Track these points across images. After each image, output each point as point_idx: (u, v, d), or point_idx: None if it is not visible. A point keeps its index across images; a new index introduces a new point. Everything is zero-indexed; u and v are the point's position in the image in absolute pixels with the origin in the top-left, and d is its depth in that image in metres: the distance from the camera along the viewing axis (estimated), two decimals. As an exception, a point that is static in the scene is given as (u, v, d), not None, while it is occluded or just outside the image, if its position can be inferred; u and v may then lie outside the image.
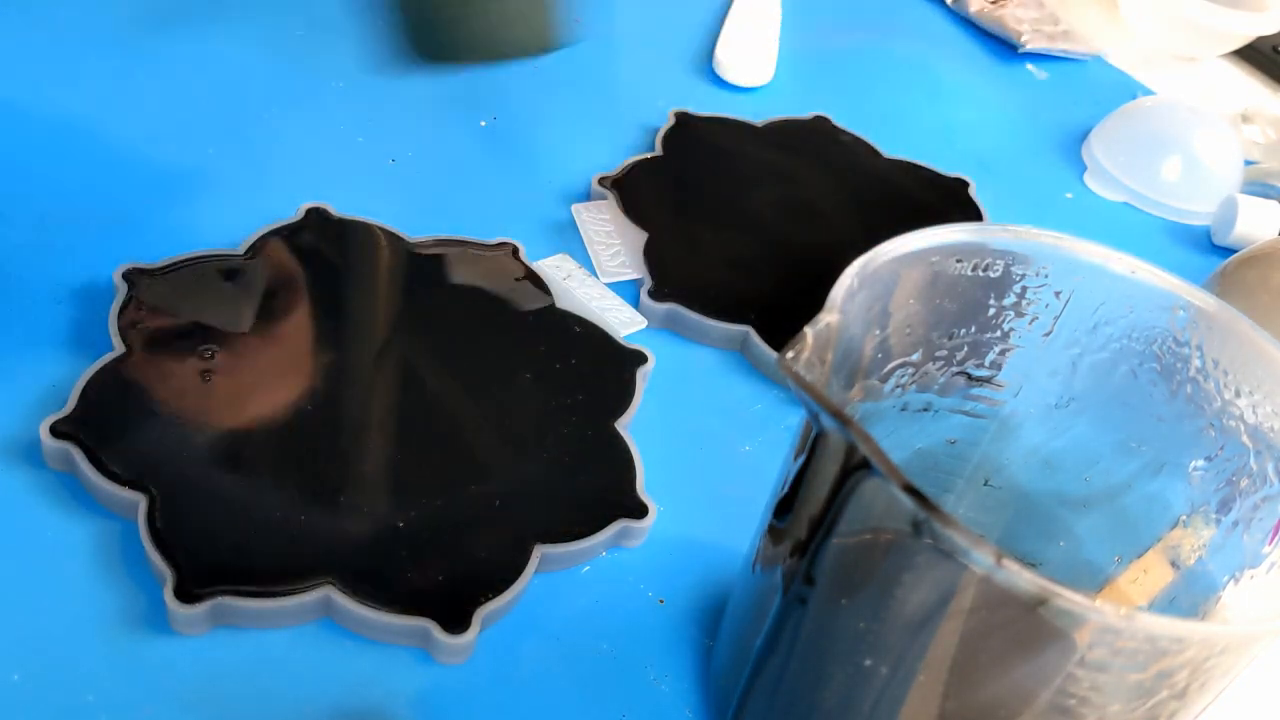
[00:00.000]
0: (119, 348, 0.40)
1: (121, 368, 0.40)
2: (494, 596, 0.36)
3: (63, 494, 0.37)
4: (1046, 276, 0.34)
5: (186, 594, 0.34)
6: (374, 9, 0.41)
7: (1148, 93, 0.75)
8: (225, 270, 0.44)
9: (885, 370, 0.34)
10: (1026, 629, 0.26)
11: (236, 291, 0.43)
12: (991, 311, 0.35)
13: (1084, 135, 0.69)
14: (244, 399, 0.40)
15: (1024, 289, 0.35)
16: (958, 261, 0.33)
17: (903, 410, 0.36)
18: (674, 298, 0.48)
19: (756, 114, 0.61)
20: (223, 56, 0.57)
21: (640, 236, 0.52)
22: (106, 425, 0.38)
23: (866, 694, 0.30)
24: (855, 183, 0.59)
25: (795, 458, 0.30)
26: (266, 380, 0.41)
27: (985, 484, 0.39)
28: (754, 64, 0.65)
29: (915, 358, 0.35)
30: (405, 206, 0.50)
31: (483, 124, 0.58)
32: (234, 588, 0.34)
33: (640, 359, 0.45)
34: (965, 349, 0.36)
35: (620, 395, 0.44)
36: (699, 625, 0.39)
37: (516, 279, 0.47)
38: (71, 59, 0.54)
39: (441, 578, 0.36)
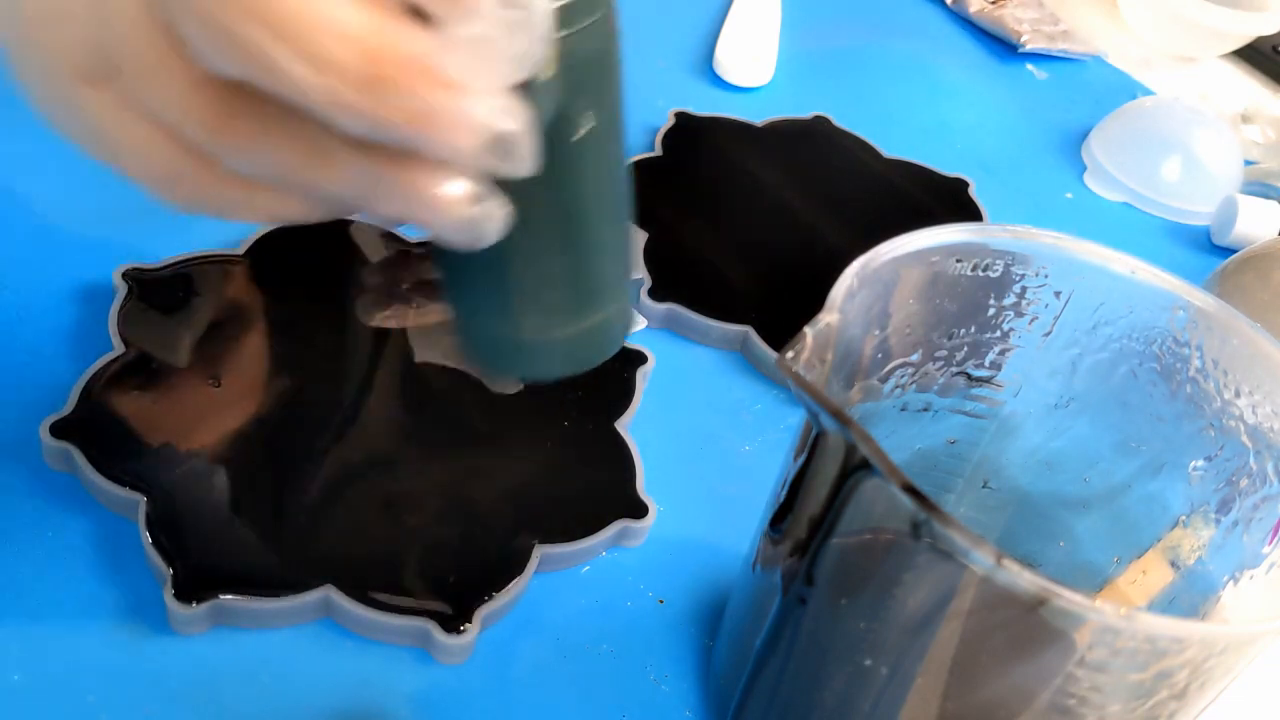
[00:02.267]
0: (119, 348, 0.40)
1: (121, 368, 0.40)
2: (494, 596, 0.36)
3: (63, 494, 0.37)
4: (1046, 276, 0.34)
5: (186, 594, 0.34)
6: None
7: (1148, 93, 0.75)
8: (225, 270, 0.44)
9: (885, 370, 0.34)
10: (1026, 629, 0.26)
11: (236, 291, 0.43)
12: (991, 311, 0.35)
13: (1084, 135, 0.69)
14: (244, 398, 0.40)
15: (1024, 289, 0.35)
16: (958, 261, 0.33)
17: (902, 410, 0.36)
18: (674, 298, 0.48)
19: (756, 114, 0.61)
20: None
21: (640, 236, 0.52)
22: (106, 425, 0.38)
23: (867, 694, 0.30)
24: (855, 183, 0.59)
25: (795, 458, 0.30)
26: (266, 380, 0.41)
27: (984, 486, 0.39)
28: (754, 64, 0.65)
29: (915, 358, 0.35)
30: (405, 206, 0.50)
31: (483, 124, 0.58)
32: (234, 588, 0.34)
33: (640, 359, 0.45)
34: (965, 349, 0.36)
35: (620, 395, 0.44)
36: (699, 625, 0.39)
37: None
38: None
39: (441, 578, 0.36)
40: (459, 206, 0.25)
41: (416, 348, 0.43)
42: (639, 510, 0.40)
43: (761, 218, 0.55)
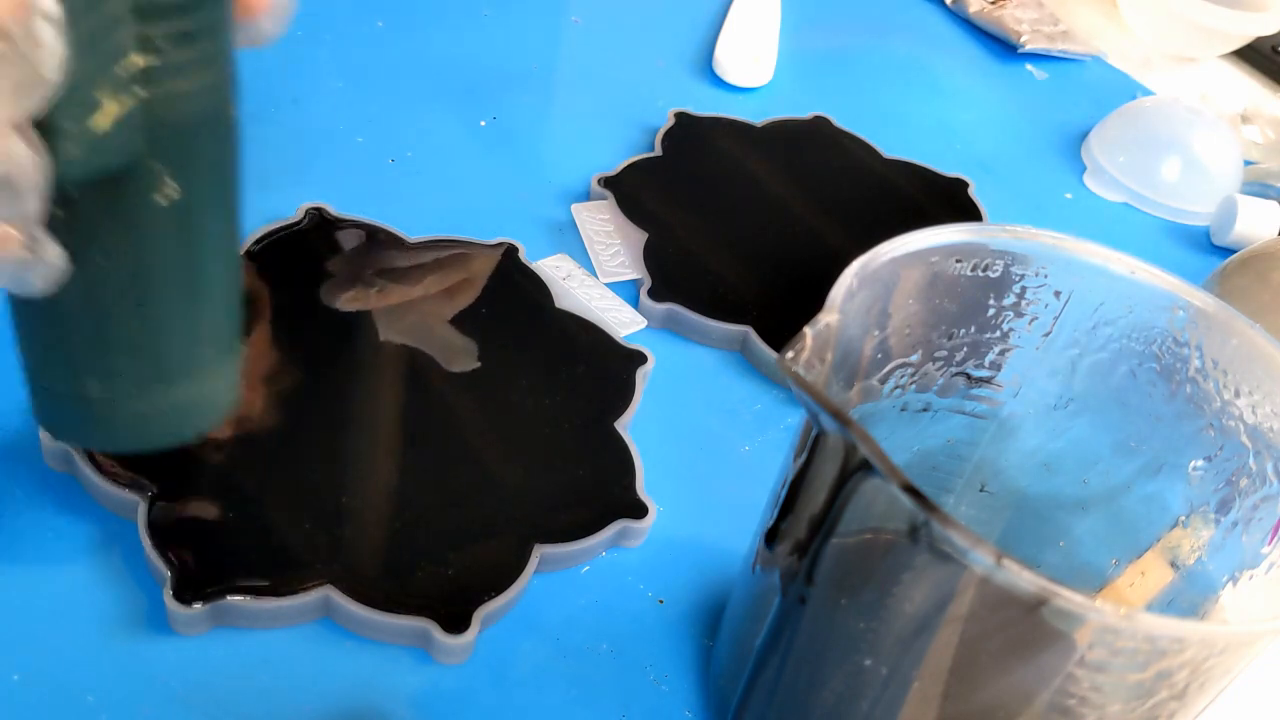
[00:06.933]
0: (119, 348, 0.40)
1: (121, 368, 0.40)
2: (494, 596, 0.36)
3: (63, 494, 0.37)
4: (1046, 277, 0.34)
5: (186, 594, 0.34)
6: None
7: (1147, 93, 0.75)
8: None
9: (885, 371, 0.34)
10: (1026, 629, 0.26)
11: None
12: (991, 312, 0.35)
13: (1084, 135, 0.69)
14: (244, 398, 0.40)
15: (1023, 289, 0.35)
16: (957, 261, 0.33)
17: (902, 411, 0.36)
18: (673, 298, 0.48)
19: (756, 114, 0.61)
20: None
21: (640, 236, 0.52)
22: (106, 425, 0.38)
23: (866, 694, 0.30)
24: (855, 183, 0.59)
25: (795, 458, 0.30)
26: (267, 380, 0.41)
27: (982, 489, 0.39)
28: (754, 64, 0.65)
29: (915, 358, 0.35)
30: (405, 206, 0.50)
31: (483, 124, 0.58)
32: (234, 588, 0.34)
33: (640, 359, 0.45)
34: (965, 349, 0.36)
35: (620, 395, 0.44)
36: (699, 625, 0.39)
37: (516, 279, 0.47)
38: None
39: (441, 578, 0.36)
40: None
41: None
42: (639, 510, 0.40)
43: (761, 218, 0.55)
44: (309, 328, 0.43)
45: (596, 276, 0.50)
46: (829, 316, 0.29)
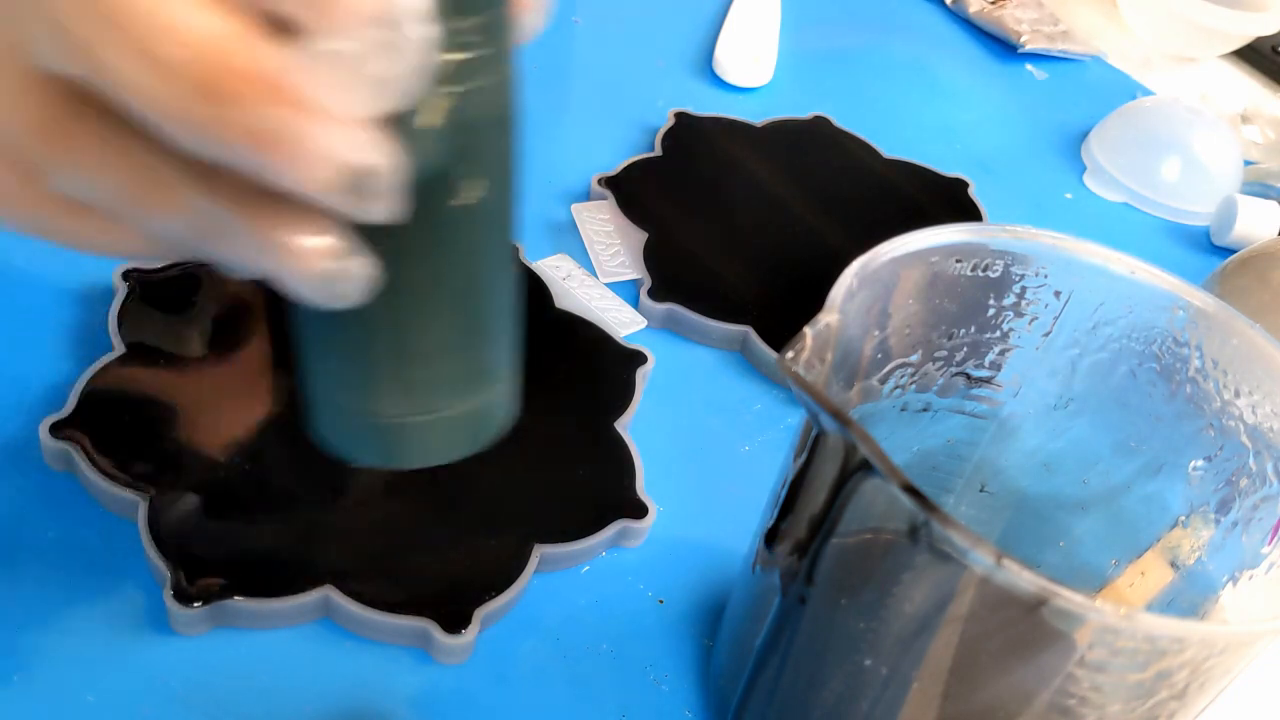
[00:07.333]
0: (119, 348, 0.40)
1: (121, 368, 0.40)
2: (494, 596, 0.36)
3: (63, 494, 0.37)
4: (1046, 277, 0.34)
5: (186, 594, 0.34)
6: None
7: (1147, 93, 0.75)
8: (225, 270, 0.44)
9: (884, 371, 0.34)
10: (1026, 629, 0.26)
11: (235, 291, 0.43)
12: (991, 312, 0.35)
13: (1083, 135, 0.69)
14: (244, 399, 0.40)
15: (1023, 289, 0.35)
16: (957, 261, 0.33)
17: (902, 411, 0.36)
18: (673, 298, 0.48)
19: (756, 114, 0.61)
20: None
21: (640, 236, 0.52)
22: (106, 425, 0.38)
23: (866, 694, 0.30)
24: (855, 183, 0.59)
25: (795, 458, 0.30)
26: (267, 380, 0.41)
27: (982, 489, 0.39)
28: (754, 64, 0.65)
29: (914, 358, 0.35)
30: (405, 206, 0.50)
31: (482, 124, 0.58)
32: (234, 588, 0.34)
33: (640, 359, 0.45)
34: (965, 349, 0.36)
35: (620, 395, 0.44)
36: (699, 625, 0.39)
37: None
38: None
39: (441, 578, 0.36)
40: (313, 259, 0.23)
41: None
42: (639, 510, 0.40)
43: (761, 218, 0.55)
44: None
45: (596, 276, 0.50)
46: (829, 316, 0.29)
